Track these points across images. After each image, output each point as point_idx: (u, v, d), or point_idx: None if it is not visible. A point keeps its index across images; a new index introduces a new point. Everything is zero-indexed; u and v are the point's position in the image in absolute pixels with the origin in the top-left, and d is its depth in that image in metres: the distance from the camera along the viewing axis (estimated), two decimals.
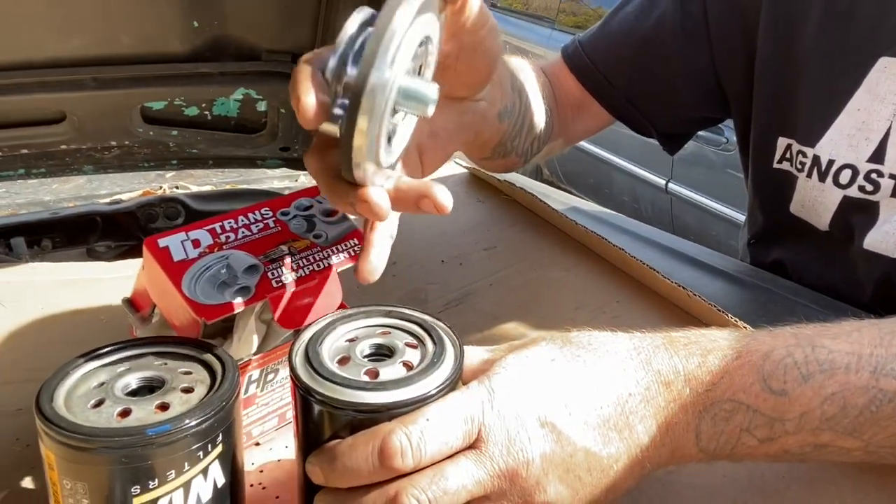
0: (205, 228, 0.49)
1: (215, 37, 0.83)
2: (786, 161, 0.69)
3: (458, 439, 0.36)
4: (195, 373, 0.41)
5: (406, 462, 0.35)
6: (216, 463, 0.38)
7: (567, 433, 0.37)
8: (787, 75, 0.67)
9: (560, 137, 0.79)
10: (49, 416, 0.35)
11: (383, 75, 0.33)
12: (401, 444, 0.35)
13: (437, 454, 0.36)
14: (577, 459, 0.37)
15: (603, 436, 0.38)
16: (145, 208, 1.08)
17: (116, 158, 0.98)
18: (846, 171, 0.63)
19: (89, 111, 0.86)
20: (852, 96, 0.62)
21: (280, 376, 0.53)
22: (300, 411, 0.40)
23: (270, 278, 0.47)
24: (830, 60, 0.64)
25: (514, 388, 0.38)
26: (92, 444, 0.35)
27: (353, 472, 0.36)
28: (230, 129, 0.98)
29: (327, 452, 0.37)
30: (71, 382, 0.39)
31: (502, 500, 0.37)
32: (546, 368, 0.39)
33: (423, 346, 0.41)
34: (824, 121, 0.64)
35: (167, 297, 0.46)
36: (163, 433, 0.35)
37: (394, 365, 0.40)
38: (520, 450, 0.36)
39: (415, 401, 0.37)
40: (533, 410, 0.37)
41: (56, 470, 0.36)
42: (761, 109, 0.71)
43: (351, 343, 0.42)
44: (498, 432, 0.36)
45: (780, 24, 0.67)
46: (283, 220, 0.51)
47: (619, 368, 0.39)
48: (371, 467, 0.35)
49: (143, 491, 0.35)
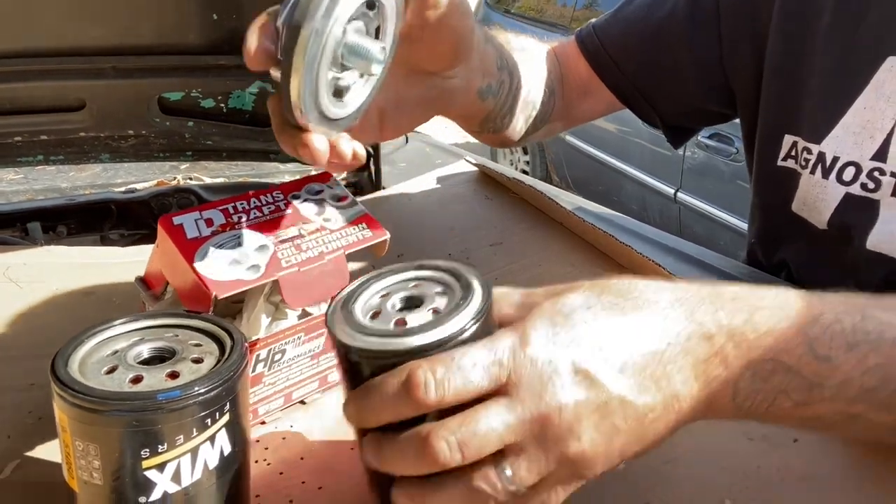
0: (218, 208, 0.50)
1: (233, 29, 0.85)
2: (790, 158, 0.69)
3: (485, 380, 0.36)
4: (205, 345, 0.42)
5: (429, 395, 0.35)
6: (223, 431, 0.39)
7: (602, 380, 0.36)
8: (797, 73, 0.68)
9: (562, 119, 0.79)
10: (64, 380, 0.37)
11: (315, 24, 0.38)
12: (425, 377, 0.35)
13: (463, 391, 0.35)
14: (611, 407, 0.36)
15: (639, 384, 0.37)
16: (159, 198, 1.09)
17: (132, 148, 1.00)
18: (850, 169, 0.63)
19: (108, 100, 0.88)
20: (860, 95, 0.63)
21: (287, 356, 0.54)
22: (340, 368, 0.41)
23: (280, 258, 0.48)
24: (840, 59, 0.64)
25: (547, 335, 0.37)
26: (104, 407, 0.36)
27: (380, 407, 0.36)
28: (245, 121, 1.01)
29: (358, 392, 0.38)
30: (85, 350, 0.40)
31: (535, 448, 0.36)
32: (582, 315, 0.38)
33: (451, 292, 0.41)
34: (831, 118, 0.65)
35: (180, 273, 0.47)
36: (172, 399, 0.36)
37: (422, 312, 0.40)
38: (552, 395, 0.36)
39: (439, 342, 0.37)
40: (567, 357, 0.36)
41: (69, 432, 0.37)
42: (768, 106, 0.71)
43: (383, 298, 0.42)
44: (529, 377, 0.36)
45: (792, 21, 0.68)
46: (294, 204, 0.52)
47: (660, 317, 0.38)
48: (397, 400, 0.36)
49: (153, 454, 0.37)
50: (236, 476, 0.41)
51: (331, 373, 0.58)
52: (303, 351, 0.55)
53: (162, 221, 0.48)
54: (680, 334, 0.38)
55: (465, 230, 0.86)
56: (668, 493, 0.47)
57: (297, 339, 0.54)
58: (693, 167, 2.66)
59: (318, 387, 0.58)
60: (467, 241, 0.83)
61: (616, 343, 0.37)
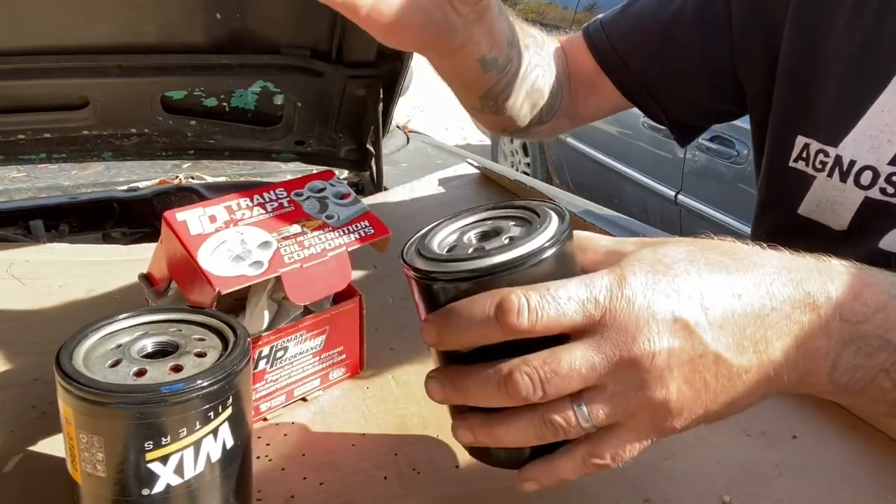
0: (222, 205, 0.50)
1: (236, 29, 0.85)
2: (801, 160, 0.68)
3: (578, 315, 0.35)
4: (208, 340, 0.42)
5: (521, 320, 0.34)
6: (226, 425, 0.39)
7: (700, 333, 0.35)
8: (812, 74, 0.67)
9: (568, 116, 0.79)
10: (69, 373, 0.37)
11: None
12: (519, 302, 0.34)
13: (554, 323, 0.35)
14: (706, 361, 0.35)
15: (737, 344, 0.36)
16: (161, 197, 1.10)
17: (135, 146, 1.00)
18: (867, 173, 0.63)
19: (112, 98, 0.88)
20: (877, 98, 0.62)
21: (289, 353, 0.54)
22: (419, 300, 0.40)
23: (283, 254, 0.48)
24: (858, 61, 0.63)
25: (647, 281, 0.36)
26: (109, 399, 0.36)
27: (466, 327, 0.36)
28: (247, 121, 1.01)
29: (444, 310, 0.37)
30: (90, 344, 0.40)
31: (618, 389, 0.35)
32: (685, 267, 0.37)
33: (527, 223, 0.41)
34: (848, 121, 0.64)
35: (184, 268, 0.48)
36: (176, 391, 0.37)
37: (500, 239, 0.40)
38: (646, 339, 0.34)
39: (520, 259, 0.36)
40: (667, 304, 0.35)
41: (73, 425, 0.37)
42: (781, 106, 0.70)
43: (459, 234, 0.42)
44: (625, 319, 0.35)
45: (807, 22, 0.67)
46: (297, 201, 0.52)
47: (766, 281, 0.37)
48: (486, 322, 0.35)
49: (157, 447, 0.37)
50: (239, 469, 0.41)
51: (332, 370, 0.58)
52: (305, 348, 0.55)
53: (167, 217, 0.48)
54: (785, 301, 0.37)
55: None
56: (667, 490, 0.47)
57: (300, 336, 0.54)
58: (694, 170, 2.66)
59: (320, 384, 0.58)
60: None
61: (718, 299, 0.36)
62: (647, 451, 0.38)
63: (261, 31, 0.87)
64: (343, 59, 0.91)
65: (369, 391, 0.58)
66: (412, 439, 0.53)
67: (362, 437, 0.53)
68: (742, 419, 0.53)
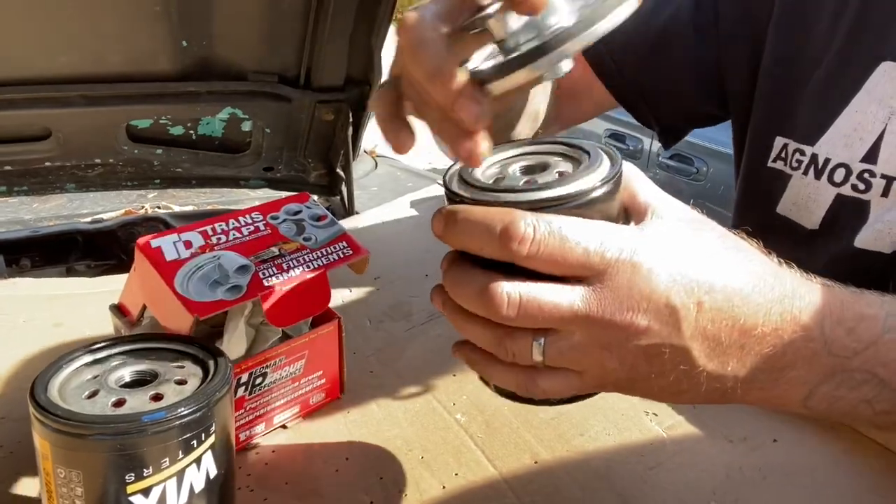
0: (196, 230, 0.50)
1: (203, 56, 0.85)
2: (780, 160, 0.71)
3: (579, 263, 0.34)
4: (188, 367, 0.41)
5: (521, 249, 0.34)
6: (209, 454, 0.38)
7: (683, 327, 0.35)
8: (793, 77, 0.69)
9: (555, 120, 0.80)
10: (44, 405, 0.36)
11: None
12: (525, 230, 0.34)
13: (552, 261, 0.34)
14: (674, 352, 0.36)
15: (712, 349, 0.36)
16: (127, 227, 1.08)
17: (99, 177, 0.98)
18: (840, 170, 0.65)
19: (75, 128, 0.87)
20: (853, 98, 0.65)
21: (268, 380, 0.53)
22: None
23: (262, 277, 0.48)
24: (836, 64, 0.66)
25: (660, 254, 0.35)
26: (88, 431, 0.35)
27: (471, 231, 0.35)
28: (214, 148, 1.00)
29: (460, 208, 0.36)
30: (64, 375, 0.39)
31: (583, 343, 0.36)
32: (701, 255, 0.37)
33: (575, 160, 0.39)
34: (825, 121, 0.66)
35: (159, 296, 0.47)
36: (158, 420, 0.36)
37: (550, 173, 0.38)
38: (633, 313, 0.35)
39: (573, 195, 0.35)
40: (666, 287, 0.35)
41: (51, 459, 0.36)
42: (762, 108, 0.73)
43: (502, 166, 0.41)
44: (623, 284, 0.35)
45: (791, 26, 0.70)
46: (273, 224, 0.52)
47: (766, 305, 0.37)
48: (487, 237, 0.34)
49: (138, 479, 0.36)
50: (222, 499, 0.40)
51: (312, 396, 0.57)
52: (284, 374, 0.54)
53: (140, 244, 0.47)
54: (778, 328, 0.37)
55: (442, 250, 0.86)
56: (655, 499, 0.47)
57: (279, 361, 0.53)
58: None
59: (300, 410, 0.57)
60: None
61: (716, 300, 0.36)
62: (633, 461, 0.38)
63: (228, 57, 0.87)
64: (311, 84, 0.91)
65: (350, 415, 0.58)
66: (397, 461, 0.52)
67: (346, 461, 0.53)
68: (724, 425, 0.54)
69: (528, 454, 0.52)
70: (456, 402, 0.58)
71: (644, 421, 0.54)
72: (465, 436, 0.54)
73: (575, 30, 0.34)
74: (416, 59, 0.36)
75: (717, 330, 0.36)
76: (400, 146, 0.40)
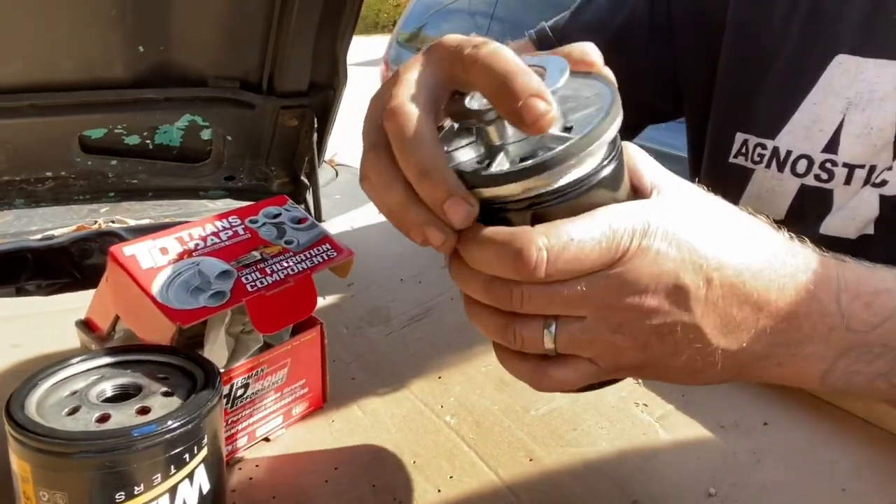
0: (172, 236, 0.48)
1: (160, 62, 0.82)
2: (741, 156, 0.72)
3: (598, 261, 0.34)
4: (172, 378, 0.39)
5: (537, 274, 0.33)
6: (202, 467, 0.36)
7: (692, 304, 0.35)
8: (750, 73, 0.71)
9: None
10: (23, 424, 0.33)
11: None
12: (537, 257, 0.33)
13: (568, 270, 0.34)
14: (686, 330, 0.36)
15: (724, 325, 0.36)
16: (80, 244, 1.03)
17: (50, 191, 0.94)
18: (802, 161, 0.67)
19: (25, 140, 0.82)
20: (810, 91, 0.67)
21: (250, 391, 0.51)
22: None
23: (245, 283, 0.46)
24: (793, 58, 0.68)
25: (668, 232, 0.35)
26: (72, 449, 0.33)
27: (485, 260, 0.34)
28: (172, 158, 0.96)
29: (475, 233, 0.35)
30: (41, 392, 0.37)
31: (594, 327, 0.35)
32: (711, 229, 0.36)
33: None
34: (784, 114, 0.68)
35: (136, 306, 0.44)
36: (148, 434, 0.34)
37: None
38: (643, 295, 0.34)
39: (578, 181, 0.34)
40: (675, 266, 0.35)
41: (31, 482, 0.33)
42: (721, 106, 0.75)
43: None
44: (635, 268, 0.34)
45: (746, 24, 0.71)
46: (253, 228, 0.50)
47: (778, 280, 0.37)
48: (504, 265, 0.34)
49: (129, 497, 0.33)
50: None
51: (295, 406, 0.55)
52: (266, 384, 0.52)
53: (113, 252, 0.45)
54: (791, 302, 0.37)
55: (414, 255, 0.85)
56: (654, 489, 0.47)
57: (261, 371, 0.51)
58: None
59: (283, 422, 0.55)
60: (418, 265, 0.83)
61: (726, 274, 0.36)
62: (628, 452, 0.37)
63: (186, 63, 0.84)
64: (275, 89, 0.89)
65: (335, 424, 0.56)
66: (388, 468, 0.51)
67: (335, 471, 0.51)
68: (714, 411, 0.55)
69: (522, 452, 0.51)
70: (444, 405, 0.57)
71: (635, 412, 0.54)
72: (457, 438, 0.53)
73: (575, 148, 0.33)
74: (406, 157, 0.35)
75: (728, 306, 0.36)
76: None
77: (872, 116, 0.63)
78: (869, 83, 0.63)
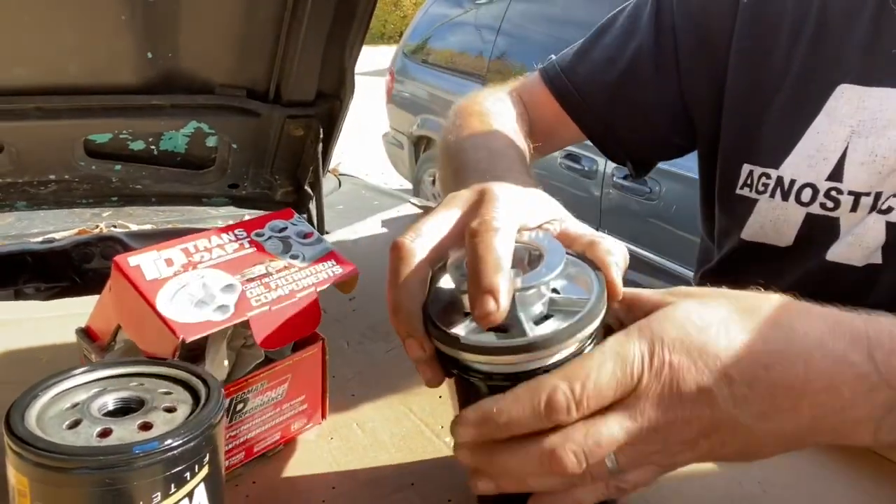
0: (177, 247, 0.47)
1: (168, 69, 0.82)
2: (746, 187, 0.73)
3: (618, 393, 0.37)
4: (175, 393, 0.39)
5: (571, 416, 0.36)
6: (202, 486, 0.36)
7: (721, 404, 0.37)
8: (755, 105, 0.71)
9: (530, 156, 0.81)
10: (23, 437, 0.33)
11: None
12: (566, 398, 0.36)
13: (597, 407, 0.37)
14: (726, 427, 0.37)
15: (761, 413, 0.37)
16: (80, 248, 1.02)
17: (53, 194, 0.93)
18: (807, 190, 0.67)
19: (30, 143, 0.82)
20: (814, 120, 0.67)
21: (249, 406, 0.51)
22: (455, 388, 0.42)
23: (249, 297, 0.45)
24: (796, 88, 0.69)
25: (676, 345, 0.37)
26: (73, 465, 0.32)
27: (513, 427, 0.37)
28: (177, 164, 0.96)
29: (484, 407, 0.37)
30: (41, 404, 0.36)
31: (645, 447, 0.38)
32: (717, 332, 0.38)
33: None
34: (788, 144, 0.68)
35: (139, 317, 0.44)
36: (150, 451, 0.33)
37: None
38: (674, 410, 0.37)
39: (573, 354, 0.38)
40: (692, 377, 0.37)
41: (29, 497, 0.33)
42: (729, 138, 0.75)
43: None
44: (657, 391, 0.37)
45: (750, 56, 0.72)
46: (259, 241, 0.50)
47: (805, 354, 0.37)
48: (535, 420, 0.36)
49: None
50: None
51: (294, 422, 0.55)
52: (266, 399, 0.52)
53: (117, 262, 0.44)
54: (824, 374, 0.37)
55: None
56: None
57: (261, 386, 0.51)
58: (610, 208, 2.77)
59: (280, 438, 0.54)
60: None
61: (746, 369, 0.37)
62: None
63: (194, 70, 0.84)
64: (281, 98, 0.89)
65: (334, 441, 0.55)
66: (388, 489, 0.50)
67: (332, 490, 0.50)
68: None
69: None
70: (444, 425, 0.57)
71: None
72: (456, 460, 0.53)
73: (564, 334, 0.37)
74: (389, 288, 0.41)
75: (756, 396, 0.37)
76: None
77: (877, 144, 0.63)
78: (872, 111, 0.64)
